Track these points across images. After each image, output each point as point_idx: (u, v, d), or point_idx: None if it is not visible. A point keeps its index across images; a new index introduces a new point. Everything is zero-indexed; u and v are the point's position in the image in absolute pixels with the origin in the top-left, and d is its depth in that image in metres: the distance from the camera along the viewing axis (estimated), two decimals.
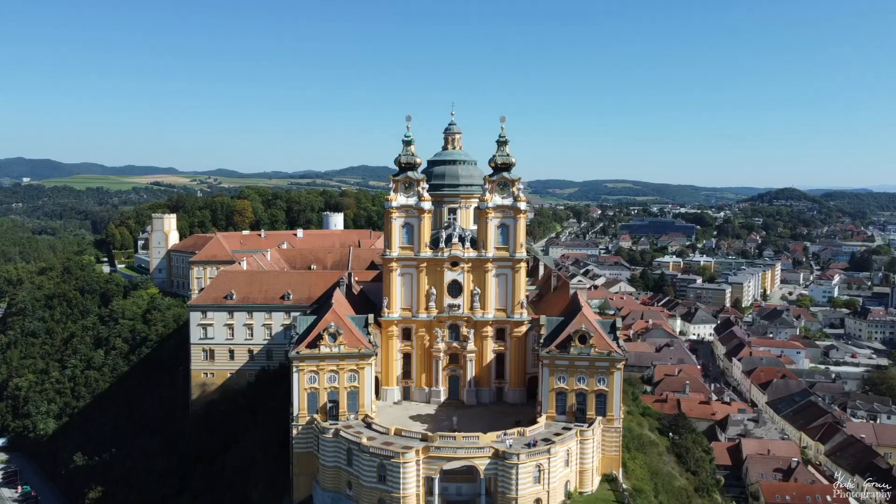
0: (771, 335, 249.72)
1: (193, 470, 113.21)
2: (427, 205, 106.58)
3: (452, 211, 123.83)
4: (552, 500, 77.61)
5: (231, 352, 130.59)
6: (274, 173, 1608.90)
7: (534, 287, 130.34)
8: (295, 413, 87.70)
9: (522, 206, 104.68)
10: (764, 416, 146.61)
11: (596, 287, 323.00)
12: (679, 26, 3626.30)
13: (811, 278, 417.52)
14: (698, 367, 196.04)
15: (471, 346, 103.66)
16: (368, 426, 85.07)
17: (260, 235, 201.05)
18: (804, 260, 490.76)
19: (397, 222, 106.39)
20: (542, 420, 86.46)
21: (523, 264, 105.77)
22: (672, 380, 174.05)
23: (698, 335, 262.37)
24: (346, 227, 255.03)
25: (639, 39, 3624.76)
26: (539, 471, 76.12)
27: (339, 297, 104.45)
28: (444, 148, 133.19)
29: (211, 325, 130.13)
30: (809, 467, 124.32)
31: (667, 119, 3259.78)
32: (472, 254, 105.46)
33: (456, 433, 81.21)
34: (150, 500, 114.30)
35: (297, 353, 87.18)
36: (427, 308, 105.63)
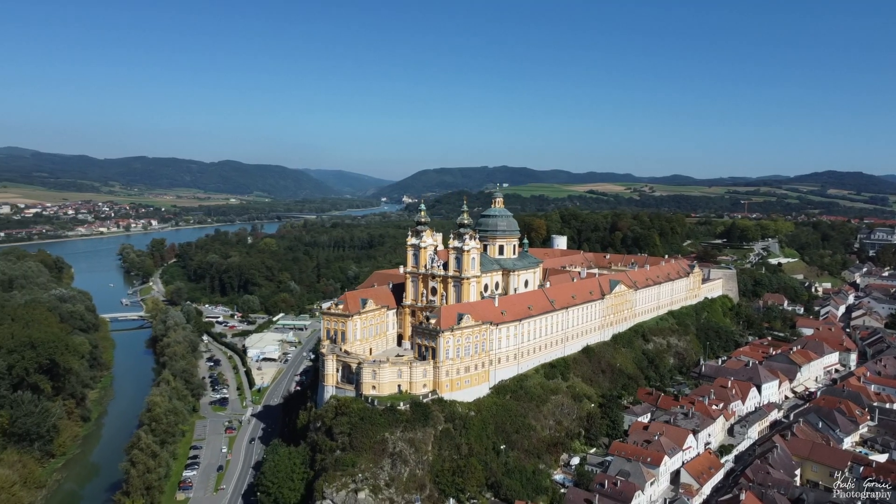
0: None
1: None
2: (424, 244, 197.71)
3: (500, 247, 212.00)
4: (383, 389, 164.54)
5: None
6: (731, 179, 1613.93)
7: None
8: (320, 339, 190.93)
9: (466, 248, 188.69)
10: (694, 412, 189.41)
11: (828, 314, 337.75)
12: None
13: None
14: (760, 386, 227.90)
15: None
16: (340, 349, 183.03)
17: None
18: None
19: (410, 252, 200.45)
20: (407, 357, 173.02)
21: (466, 280, 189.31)
22: (709, 388, 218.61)
23: None
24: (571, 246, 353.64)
25: None
26: (374, 373, 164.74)
27: (376, 290, 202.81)
28: (490, 206, 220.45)
29: None
30: (665, 440, 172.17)
31: None
32: (442, 273, 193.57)
33: (357, 354, 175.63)
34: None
35: (320, 312, 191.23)
36: (421, 300, 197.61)
